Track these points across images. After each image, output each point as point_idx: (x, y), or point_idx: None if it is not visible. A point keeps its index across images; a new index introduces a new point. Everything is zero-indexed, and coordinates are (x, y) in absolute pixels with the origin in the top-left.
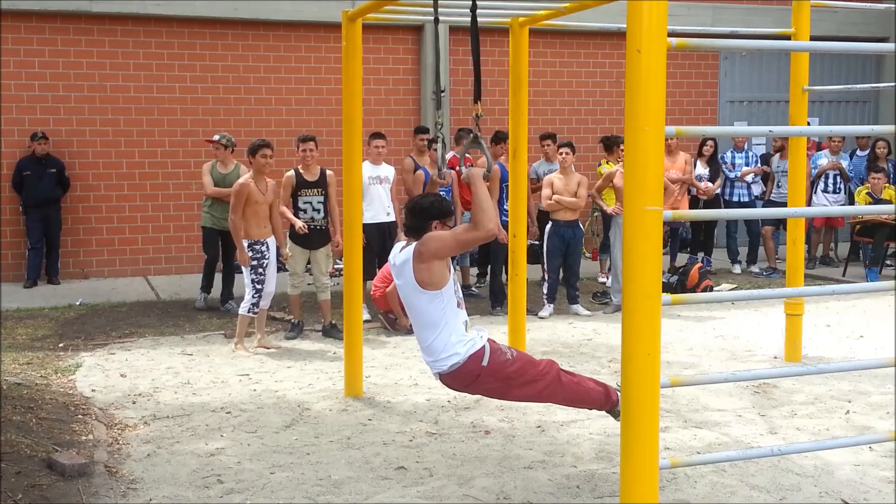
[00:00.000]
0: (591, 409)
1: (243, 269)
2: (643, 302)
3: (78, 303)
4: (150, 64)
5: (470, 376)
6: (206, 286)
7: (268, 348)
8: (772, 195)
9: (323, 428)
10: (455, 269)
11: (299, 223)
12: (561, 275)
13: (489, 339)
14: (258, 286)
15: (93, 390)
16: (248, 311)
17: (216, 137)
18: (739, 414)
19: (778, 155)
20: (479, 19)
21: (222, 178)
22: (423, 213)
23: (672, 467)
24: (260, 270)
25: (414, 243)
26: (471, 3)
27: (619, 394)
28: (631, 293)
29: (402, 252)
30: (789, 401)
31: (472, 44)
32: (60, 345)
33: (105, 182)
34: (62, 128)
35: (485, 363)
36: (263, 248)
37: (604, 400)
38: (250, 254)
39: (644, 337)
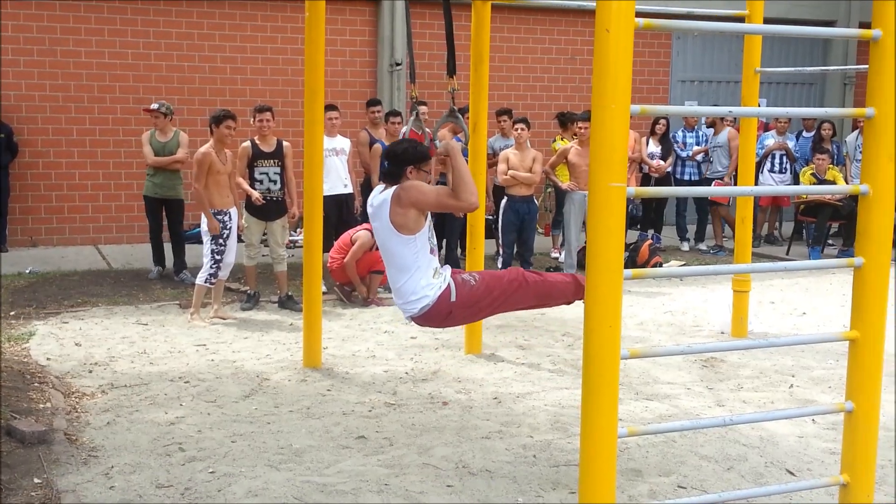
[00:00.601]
0: (563, 303)
1: (204, 238)
2: (606, 276)
3: (28, 271)
4: (101, 29)
5: (441, 315)
6: (159, 259)
7: (224, 319)
8: (707, 173)
9: (282, 398)
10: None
11: (256, 194)
12: (515, 249)
13: (452, 273)
14: (217, 256)
15: (48, 359)
16: (206, 282)
17: (154, 106)
18: (688, 387)
19: (711, 131)
20: None
21: (161, 146)
22: (398, 158)
23: (629, 436)
24: (221, 241)
25: (394, 187)
26: None
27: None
28: (595, 267)
29: (380, 194)
30: (735, 374)
31: (446, 18)
32: (12, 313)
33: (55, 148)
34: (11, 92)
35: (453, 299)
36: (225, 219)
37: (574, 289)
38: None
39: (607, 310)
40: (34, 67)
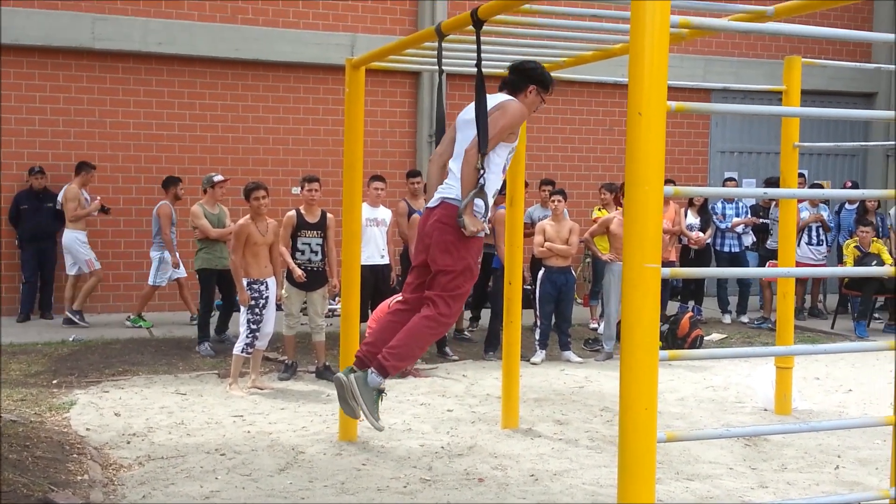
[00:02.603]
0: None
1: (241, 308)
2: (641, 357)
3: (71, 339)
4: (149, 101)
5: (454, 223)
6: (206, 334)
7: (261, 389)
8: (768, 244)
9: (317, 472)
10: None
11: (298, 272)
12: (552, 320)
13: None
14: (253, 326)
15: (87, 429)
16: (242, 351)
17: (220, 178)
18: (731, 467)
19: (774, 203)
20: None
21: (216, 218)
22: (525, 73)
23: None
24: (257, 311)
25: (505, 96)
26: (475, 56)
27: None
28: (629, 347)
29: (493, 95)
30: (779, 454)
31: (478, 98)
32: (54, 381)
33: (101, 218)
34: (60, 162)
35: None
36: (262, 288)
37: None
38: (248, 293)
39: (642, 391)
40: (84, 139)
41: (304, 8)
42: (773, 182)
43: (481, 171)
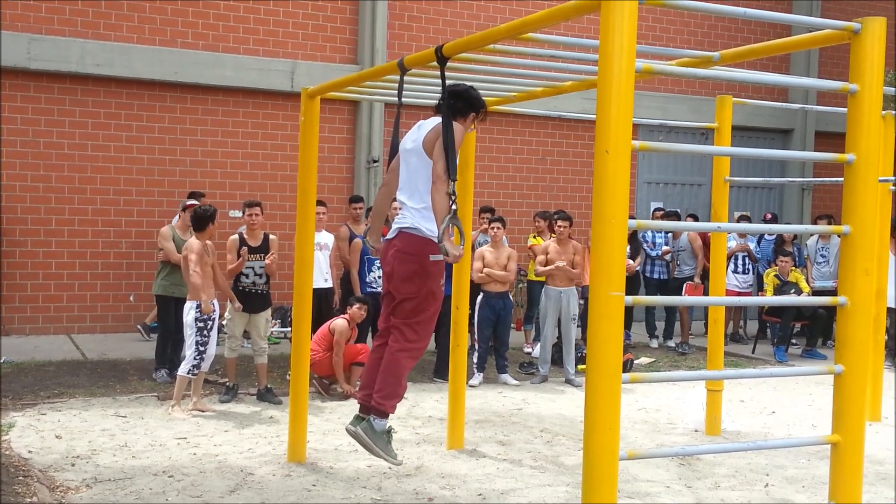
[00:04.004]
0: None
1: (187, 330)
2: (606, 380)
3: (1, 360)
4: (85, 122)
5: (413, 251)
6: (164, 361)
7: (203, 411)
8: (675, 273)
9: (268, 493)
10: None
11: (237, 303)
12: (489, 344)
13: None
14: (202, 348)
15: (29, 451)
16: (188, 373)
17: (190, 202)
18: (667, 485)
19: (671, 236)
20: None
21: (183, 243)
22: (470, 101)
23: None
24: (205, 332)
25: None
26: (440, 87)
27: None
28: (595, 371)
29: (426, 122)
30: (712, 473)
31: (445, 129)
32: None
33: (32, 238)
34: None
35: (431, 259)
36: (211, 310)
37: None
38: (197, 314)
39: (606, 413)
40: (16, 158)
41: (245, 34)
42: (671, 214)
43: (453, 197)
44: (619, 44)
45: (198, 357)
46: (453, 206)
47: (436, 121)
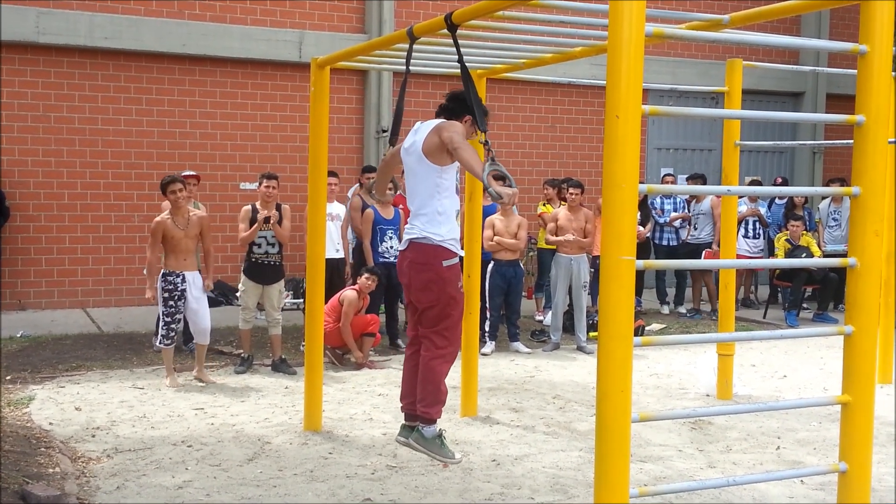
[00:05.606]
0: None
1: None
2: (618, 343)
3: (19, 335)
4: (95, 96)
5: (425, 260)
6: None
7: (203, 381)
8: (689, 238)
9: (285, 461)
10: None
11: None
12: (501, 312)
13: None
14: (167, 318)
15: (50, 423)
16: (160, 344)
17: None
18: (680, 449)
19: (694, 200)
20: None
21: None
22: (465, 104)
23: (640, 496)
24: (171, 303)
25: (441, 119)
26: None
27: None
28: (607, 335)
29: (423, 125)
30: (724, 437)
31: (466, 86)
32: (7, 377)
33: (46, 213)
34: (3, 157)
35: (444, 265)
36: (177, 280)
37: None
38: (162, 284)
39: (619, 376)
40: (28, 133)
41: (252, 4)
42: (697, 178)
43: (487, 145)
44: (629, 7)
45: (164, 328)
46: (491, 153)
47: (433, 123)
